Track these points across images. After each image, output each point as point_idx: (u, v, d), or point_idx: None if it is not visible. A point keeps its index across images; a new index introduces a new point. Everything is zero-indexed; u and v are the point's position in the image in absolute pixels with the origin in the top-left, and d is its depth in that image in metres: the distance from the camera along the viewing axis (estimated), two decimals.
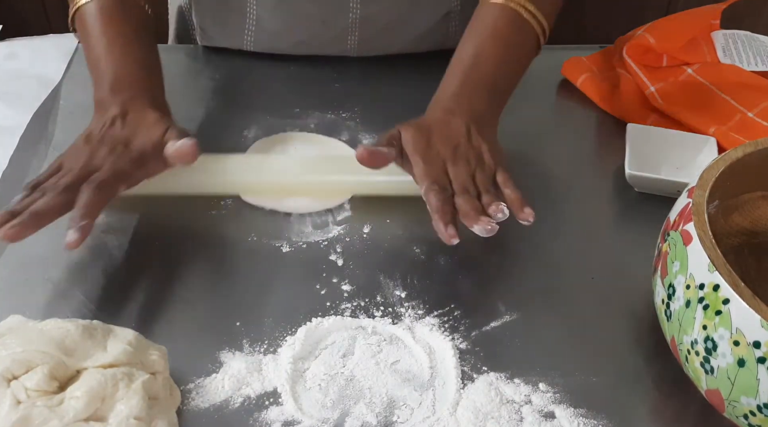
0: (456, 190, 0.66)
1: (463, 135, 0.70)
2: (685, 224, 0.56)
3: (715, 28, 0.96)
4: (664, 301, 0.57)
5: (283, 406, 0.59)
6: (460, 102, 0.72)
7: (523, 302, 0.67)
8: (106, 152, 0.67)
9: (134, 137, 0.69)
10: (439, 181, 0.66)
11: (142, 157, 0.68)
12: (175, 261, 0.70)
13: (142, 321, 0.63)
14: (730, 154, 0.60)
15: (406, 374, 0.61)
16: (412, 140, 0.69)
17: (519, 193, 0.67)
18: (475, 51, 0.75)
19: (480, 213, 0.64)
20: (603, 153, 0.86)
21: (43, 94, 0.87)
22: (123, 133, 0.69)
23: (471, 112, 0.71)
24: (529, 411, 0.59)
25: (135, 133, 0.69)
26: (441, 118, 0.71)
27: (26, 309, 0.61)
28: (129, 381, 0.54)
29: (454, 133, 0.70)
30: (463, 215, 0.64)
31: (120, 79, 0.72)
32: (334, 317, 0.65)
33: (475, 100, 0.72)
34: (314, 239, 0.72)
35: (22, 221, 0.62)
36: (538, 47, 0.78)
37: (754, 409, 0.51)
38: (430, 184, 0.66)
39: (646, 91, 0.87)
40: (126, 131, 0.69)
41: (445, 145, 0.69)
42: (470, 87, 0.73)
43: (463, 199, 0.65)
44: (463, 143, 0.69)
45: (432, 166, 0.68)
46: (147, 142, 0.69)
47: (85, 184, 0.64)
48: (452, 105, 0.72)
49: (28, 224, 0.62)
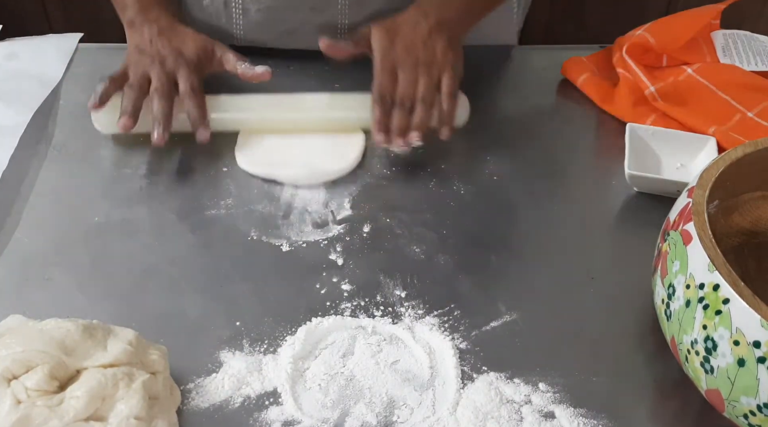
0: (396, 100, 0.77)
1: (424, 35, 0.78)
2: (685, 223, 0.56)
3: (715, 28, 0.96)
4: (664, 301, 0.57)
5: (283, 406, 0.59)
6: (432, 4, 0.81)
7: (523, 302, 0.67)
8: (172, 62, 0.79)
9: (183, 48, 0.80)
10: (385, 93, 0.77)
11: (200, 63, 0.80)
12: (175, 260, 0.70)
13: (142, 321, 0.63)
14: (730, 154, 0.60)
15: (406, 374, 0.61)
16: (378, 42, 0.78)
17: (452, 106, 0.77)
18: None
19: (403, 133, 0.76)
20: (603, 153, 0.86)
21: (43, 94, 0.86)
22: (172, 45, 0.80)
23: (440, 16, 0.79)
24: (529, 411, 0.59)
25: (182, 45, 0.80)
26: (410, 18, 0.80)
27: (26, 309, 0.61)
28: (129, 381, 0.54)
29: (417, 34, 0.78)
30: (392, 130, 0.76)
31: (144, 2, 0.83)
32: (334, 316, 0.65)
33: (448, 7, 0.81)
34: (314, 239, 0.72)
35: (162, 126, 0.76)
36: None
37: (754, 409, 0.51)
38: (377, 96, 0.77)
39: (646, 91, 0.87)
40: (174, 43, 0.80)
41: (403, 47, 0.78)
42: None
43: (396, 114, 0.77)
44: (419, 45, 0.78)
45: (385, 74, 0.77)
46: (197, 51, 0.80)
47: (187, 92, 0.77)
48: (425, 7, 0.80)
49: (168, 126, 0.76)
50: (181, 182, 0.77)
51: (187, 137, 0.81)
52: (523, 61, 0.98)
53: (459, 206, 0.76)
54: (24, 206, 0.73)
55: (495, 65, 0.96)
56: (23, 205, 0.74)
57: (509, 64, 0.81)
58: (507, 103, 0.90)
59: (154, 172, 0.78)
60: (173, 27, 0.81)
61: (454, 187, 0.78)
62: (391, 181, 0.79)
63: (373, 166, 0.80)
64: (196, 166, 0.79)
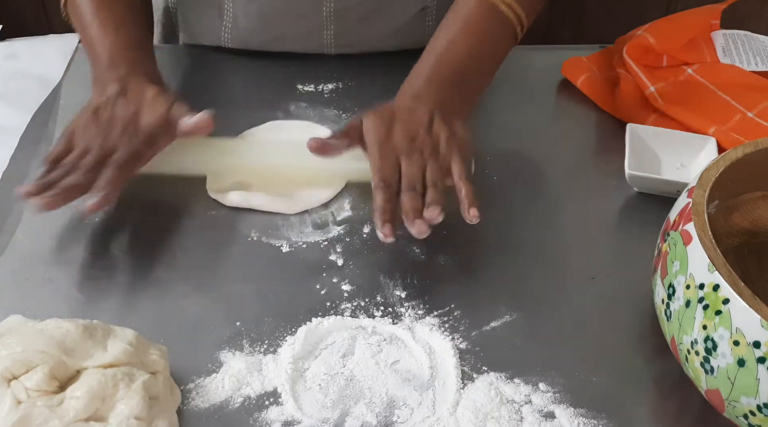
0: (403, 186, 0.68)
1: (425, 123, 0.71)
2: (685, 224, 0.56)
3: (715, 28, 0.96)
4: (664, 301, 0.57)
5: (283, 406, 0.59)
6: (429, 89, 0.73)
7: (523, 302, 0.67)
8: (119, 132, 0.71)
9: (141, 114, 0.72)
10: (388, 178, 0.68)
11: (153, 135, 0.72)
12: (175, 261, 0.70)
13: (142, 321, 0.63)
14: (730, 154, 0.60)
15: (406, 374, 0.61)
16: (372, 130, 0.70)
17: (470, 188, 0.68)
18: (448, 39, 0.76)
19: (419, 214, 0.66)
20: (603, 153, 0.86)
21: (43, 94, 0.86)
22: (129, 110, 0.72)
23: (438, 100, 0.72)
24: (529, 411, 0.59)
25: (141, 110, 0.72)
26: (407, 105, 0.72)
27: (26, 309, 0.61)
28: (129, 381, 0.54)
29: (416, 122, 0.71)
30: (404, 213, 0.66)
31: (114, 57, 0.76)
32: (334, 316, 0.65)
33: (445, 88, 0.74)
34: (314, 239, 0.72)
35: (55, 194, 0.66)
36: (514, 41, 0.79)
37: (754, 409, 0.51)
38: (378, 181, 0.67)
39: (646, 91, 0.87)
40: (132, 108, 0.72)
41: (403, 135, 0.70)
42: (440, 75, 0.74)
43: (406, 197, 0.67)
44: (422, 133, 0.70)
45: (385, 160, 0.69)
46: (155, 119, 0.72)
47: (108, 166, 0.68)
48: (420, 92, 0.73)
49: (60, 197, 0.67)
50: (181, 182, 0.77)
51: None
52: (523, 61, 0.98)
53: (459, 206, 0.76)
54: (24, 206, 0.73)
55: None
56: (23, 206, 0.73)
57: (509, 65, 0.81)
58: (507, 103, 0.90)
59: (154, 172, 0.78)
60: (140, 88, 0.73)
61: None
62: None
63: None
64: None
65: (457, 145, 0.70)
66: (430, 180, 0.68)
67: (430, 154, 0.69)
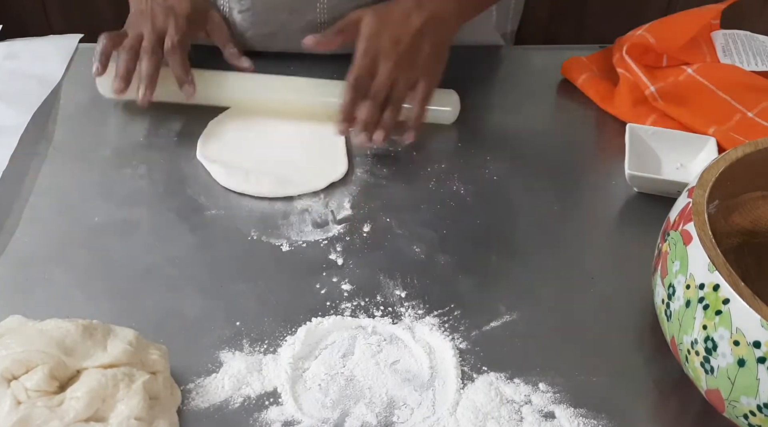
0: (369, 93, 0.75)
1: (413, 32, 0.76)
2: (685, 223, 0.56)
3: (715, 28, 0.96)
4: (664, 301, 0.57)
5: (283, 406, 0.59)
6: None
7: (523, 302, 0.67)
8: (162, 19, 0.80)
9: (177, 5, 0.82)
10: (361, 79, 0.75)
11: (191, 21, 0.82)
12: (175, 260, 0.70)
13: (142, 321, 0.63)
14: (730, 154, 0.60)
15: (406, 374, 0.61)
16: (366, 28, 0.77)
17: (421, 113, 0.76)
18: None
19: (370, 127, 0.75)
20: (603, 153, 0.86)
21: (43, 94, 0.86)
22: (167, 3, 0.82)
23: (434, 10, 0.77)
24: (529, 411, 0.59)
25: (177, 2, 0.82)
26: (403, 9, 0.77)
27: (26, 309, 0.61)
28: (129, 381, 0.54)
29: (408, 26, 0.76)
30: (357, 121, 0.75)
31: None
32: (334, 316, 0.65)
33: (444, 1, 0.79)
34: (314, 238, 0.72)
35: (145, 86, 0.78)
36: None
37: (754, 409, 0.51)
38: (352, 80, 0.75)
39: (646, 91, 0.87)
40: (170, 2, 0.82)
41: (390, 37, 0.76)
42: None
43: (364, 107, 0.75)
44: (406, 40, 0.76)
45: (365, 59, 0.75)
46: (190, 8, 0.82)
47: (169, 49, 0.79)
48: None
49: (152, 86, 0.78)
50: (181, 182, 0.77)
51: (187, 137, 0.81)
52: (523, 61, 0.98)
53: (459, 206, 0.76)
54: (24, 206, 0.73)
55: (494, 65, 0.96)
56: (23, 205, 0.74)
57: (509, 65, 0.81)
58: (507, 103, 0.90)
59: (154, 172, 0.78)
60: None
61: (454, 188, 0.78)
62: (391, 181, 0.79)
63: (373, 166, 0.80)
64: (196, 166, 0.79)
65: (432, 64, 0.76)
66: (394, 93, 0.75)
67: (406, 63, 0.75)
